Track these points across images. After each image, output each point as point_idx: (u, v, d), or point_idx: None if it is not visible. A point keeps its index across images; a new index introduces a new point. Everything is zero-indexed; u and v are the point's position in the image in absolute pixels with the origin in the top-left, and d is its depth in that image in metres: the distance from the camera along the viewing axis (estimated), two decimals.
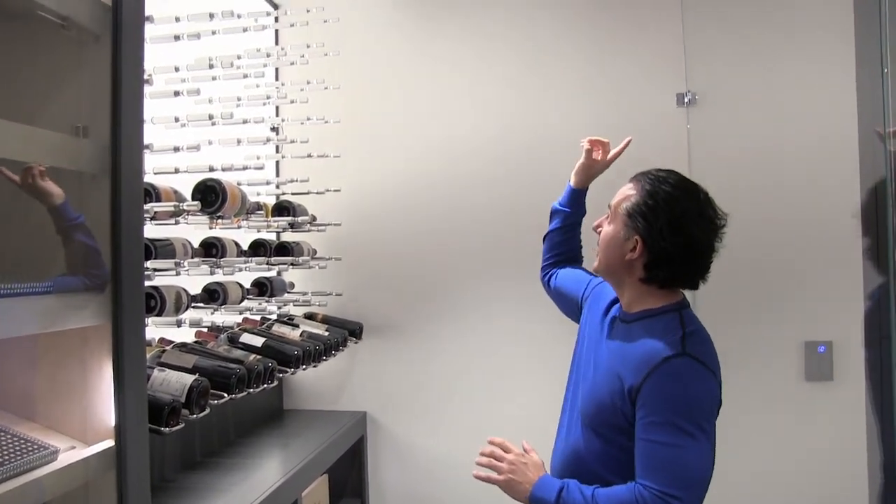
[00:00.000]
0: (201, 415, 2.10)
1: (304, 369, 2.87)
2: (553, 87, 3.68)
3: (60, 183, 1.51)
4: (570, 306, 2.35)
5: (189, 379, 2.05)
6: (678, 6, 3.58)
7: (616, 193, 2.01)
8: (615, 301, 2.06)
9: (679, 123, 3.56)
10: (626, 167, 3.39)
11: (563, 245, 2.46)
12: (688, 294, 2.19)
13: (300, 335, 3.04)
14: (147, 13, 1.70)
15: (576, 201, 2.42)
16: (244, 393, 2.34)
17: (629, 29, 3.64)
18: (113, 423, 1.56)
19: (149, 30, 1.77)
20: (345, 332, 3.41)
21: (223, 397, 2.23)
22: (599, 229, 2.03)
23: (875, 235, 3.30)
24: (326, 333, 3.22)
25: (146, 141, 1.73)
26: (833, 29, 3.48)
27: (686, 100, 3.55)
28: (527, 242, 2.84)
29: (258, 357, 2.52)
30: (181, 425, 1.99)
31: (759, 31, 3.55)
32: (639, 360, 1.82)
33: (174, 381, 2.04)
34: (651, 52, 3.60)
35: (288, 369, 2.72)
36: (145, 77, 1.78)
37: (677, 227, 1.87)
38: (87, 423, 1.58)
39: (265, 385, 2.49)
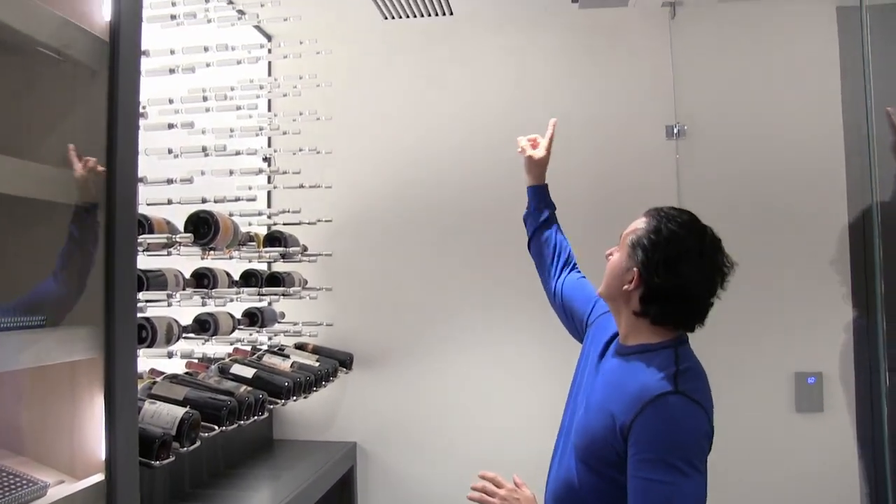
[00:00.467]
0: (192, 448, 2.09)
1: (294, 400, 2.87)
2: (544, 118, 3.70)
3: (55, 216, 1.52)
4: (573, 323, 2.34)
5: (180, 412, 2.04)
6: (667, 40, 3.62)
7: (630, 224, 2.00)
8: (616, 335, 2.04)
9: (668, 154, 3.60)
10: (618, 196, 3.46)
11: (549, 243, 2.46)
12: None
13: (291, 366, 3.04)
14: (143, 47, 1.71)
15: (540, 198, 2.48)
16: (235, 425, 2.33)
17: (619, 62, 3.68)
18: (103, 456, 1.55)
19: (144, 63, 1.78)
20: (335, 362, 3.40)
21: (214, 430, 2.22)
22: (610, 256, 2.03)
23: (863, 268, 3.33)
24: (317, 364, 3.22)
25: (140, 173, 1.74)
26: (819, 61, 3.53)
27: (675, 131, 3.58)
28: (518, 273, 2.85)
29: (249, 389, 2.51)
30: (171, 459, 1.99)
31: (747, 64, 3.60)
32: (631, 397, 1.80)
33: (165, 414, 2.03)
34: (640, 85, 3.64)
35: (279, 401, 2.72)
36: (141, 111, 1.78)
37: (673, 266, 1.86)
38: (76, 456, 1.57)
39: (256, 417, 2.49)
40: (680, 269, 1.86)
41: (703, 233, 1.95)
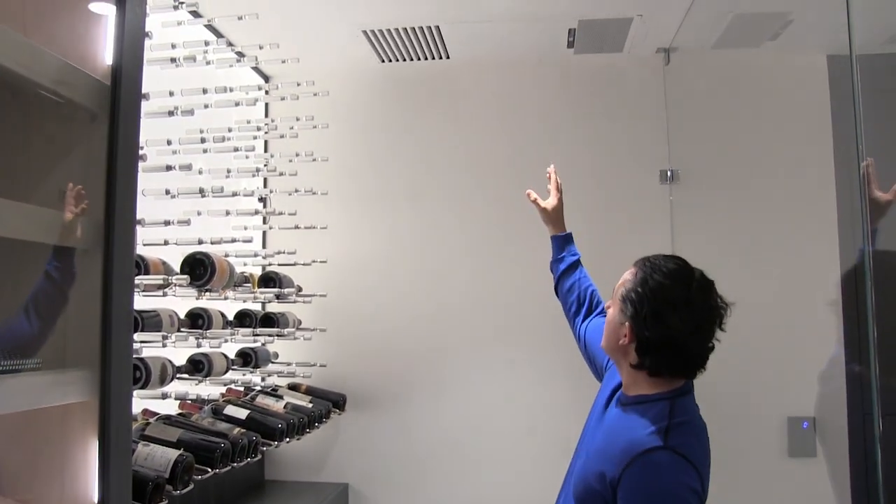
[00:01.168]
0: (185, 490, 2.07)
1: (287, 442, 2.85)
2: (540, 166, 3.72)
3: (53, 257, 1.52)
4: (595, 367, 2.32)
5: (173, 454, 2.03)
6: (661, 86, 3.66)
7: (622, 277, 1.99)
8: (621, 383, 2.02)
9: (662, 198, 3.62)
10: (613, 239, 3.48)
11: (574, 290, 2.45)
12: None
13: (284, 407, 3.03)
14: (143, 90, 1.72)
15: (561, 246, 2.52)
16: (228, 468, 2.32)
17: (614, 107, 3.73)
18: (96, 500, 1.54)
19: (143, 105, 1.79)
20: (328, 403, 3.39)
21: (207, 472, 2.21)
22: (608, 309, 2.02)
23: (855, 314, 3.34)
24: (310, 405, 3.21)
25: (137, 214, 1.74)
26: (810, 108, 3.58)
27: (669, 175, 3.62)
28: (511, 316, 2.86)
29: (242, 430, 2.50)
30: (165, 502, 1.97)
31: (740, 109, 3.65)
32: (621, 450, 1.78)
33: (158, 456, 2.02)
34: (635, 129, 3.69)
35: (272, 442, 2.71)
36: (140, 153, 1.79)
37: (661, 318, 1.83)
38: (67, 500, 1.56)
39: (249, 459, 2.47)
40: (669, 320, 1.83)
41: (691, 280, 1.92)
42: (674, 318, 1.83)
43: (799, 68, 3.65)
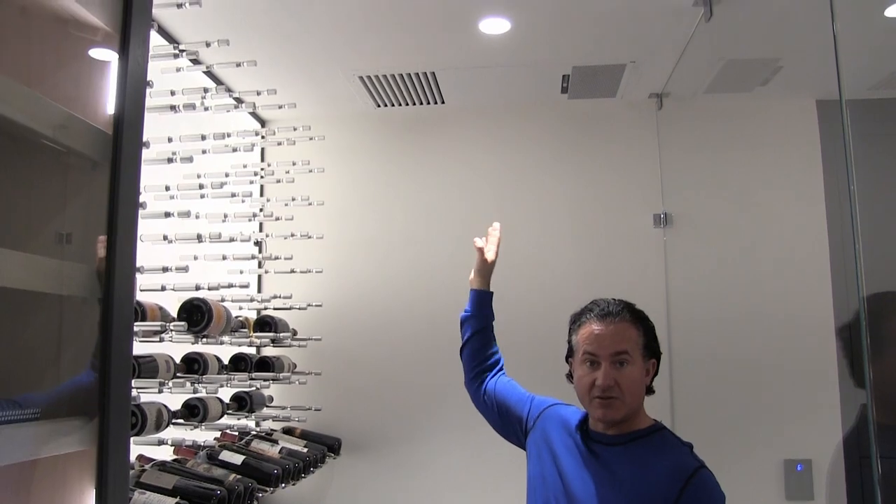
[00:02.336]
0: None
1: (283, 487, 2.83)
2: (535, 210, 3.77)
3: (48, 307, 1.52)
4: (510, 424, 2.33)
5: (170, 503, 2.01)
6: (654, 130, 3.71)
7: (602, 343, 2.01)
8: (582, 425, 2.10)
9: (656, 242, 3.65)
10: (607, 283, 3.49)
11: (484, 351, 2.46)
12: (665, 411, 2.28)
13: (279, 452, 3.01)
14: (143, 138, 1.74)
15: (484, 304, 2.48)
16: None
17: (607, 151, 3.77)
18: None
19: (143, 153, 1.80)
20: (324, 448, 3.37)
21: None
22: (612, 400, 2.01)
23: (850, 355, 3.35)
24: (305, 450, 3.19)
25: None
26: (801, 152, 3.62)
27: (662, 219, 3.64)
28: (509, 360, 2.84)
29: (238, 476, 2.49)
30: None
31: (732, 154, 3.69)
32: (670, 473, 1.90)
33: None
34: (628, 173, 3.73)
35: (267, 488, 2.69)
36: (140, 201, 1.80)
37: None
38: None
39: None
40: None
41: None
42: None
43: (789, 113, 3.71)
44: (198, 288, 2.51)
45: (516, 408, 2.30)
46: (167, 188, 2.56)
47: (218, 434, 2.99)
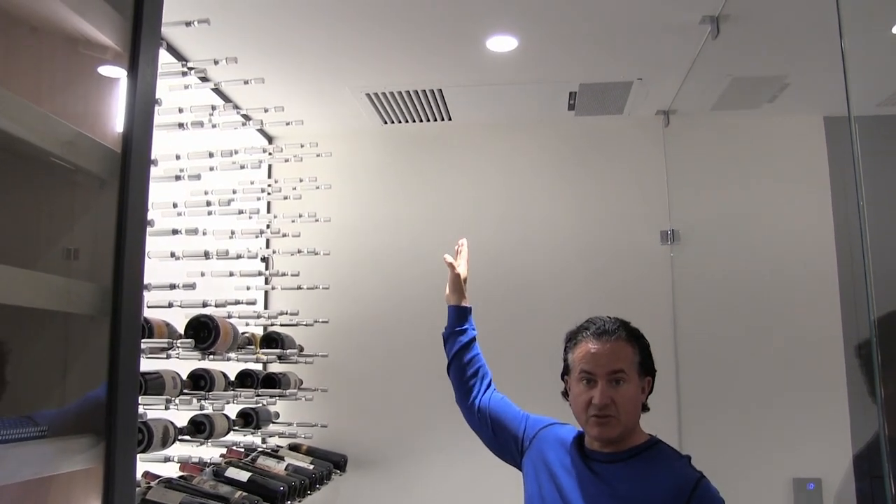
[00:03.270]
0: None
1: None
2: (542, 227, 3.77)
3: (56, 326, 1.52)
4: (505, 443, 2.33)
5: None
6: (661, 147, 3.71)
7: (598, 362, 2.02)
8: (579, 443, 2.11)
9: (663, 259, 3.64)
10: (616, 297, 3.49)
11: (472, 366, 2.46)
12: (673, 429, 2.29)
13: (285, 468, 3.00)
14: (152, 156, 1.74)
15: (465, 319, 2.49)
16: None
17: (614, 168, 3.77)
18: None
19: (151, 171, 1.81)
20: (329, 464, 3.36)
21: None
22: (601, 401, 2.01)
23: (860, 374, 3.33)
24: (311, 467, 3.18)
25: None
26: (809, 168, 3.62)
27: (669, 236, 3.64)
28: (516, 377, 2.84)
29: (244, 494, 2.48)
30: None
31: (739, 170, 3.69)
32: (672, 486, 1.92)
33: None
34: (635, 190, 3.73)
35: None
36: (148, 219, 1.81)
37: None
38: None
39: None
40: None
41: None
42: None
43: (796, 130, 3.71)
44: (205, 305, 2.51)
45: (511, 426, 2.30)
46: (174, 205, 2.56)
47: (224, 450, 2.98)
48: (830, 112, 3.67)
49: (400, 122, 3.86)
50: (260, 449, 3.20)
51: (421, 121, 3.85)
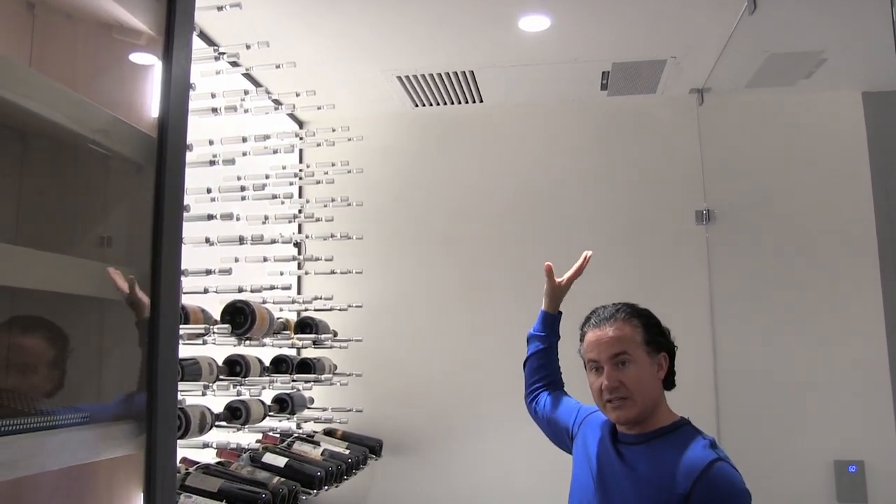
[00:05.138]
0: None
1: (326, 490, 2.82)
2: (574, 208, 3.74)
3: (94, 310, 1.52)
4: (560, 433, 2.40)
5: None
6: (695, 126, 3.65)
7: (600, 348, 2.06)
8: (613, 428, 2.13)
9: (698, 238, 3.60)
10: (651, 278, 3.46)
11: (543, 369, 2.52)
12: (711, 412, 2.41)
13: (321, 454, 3.01)
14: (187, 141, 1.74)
15: (549, 326, 2.54)
16: None
17: (648, 148, 3.72)
18: None
19: (187, 156, 1.80)
20: (365, 449, 3.36)
21: None
22: (609, 384, 2.05)
23: None
24: (347, 452, 3.18)
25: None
26: (846, 145, 3.56)
27: (704, 215, 3.59)
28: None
29: (282, 479, 2.48)
30: None
31: (774, 148, 3.64)
32: (684, 468, 1.90)
33: None
34: (669, 170, 3.68)
35: (311, 491, 2.68)
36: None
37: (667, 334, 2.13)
38: None
39: None
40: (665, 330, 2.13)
41: None
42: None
43: (834, 106, 3.63)
44: (240, 290, 2.51)
45: (564, 418, 2.37)
46: (209, 190, 2.56)
47: (260, 436, 2.98)
48: (869, 87, 3.59)
49: (431, 104, 3.83)
50: (296, 434, 3.21)
51: (452, 103, 3.82)
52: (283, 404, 3.11)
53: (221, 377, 2.50)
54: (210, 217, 2.36)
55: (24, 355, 1.52)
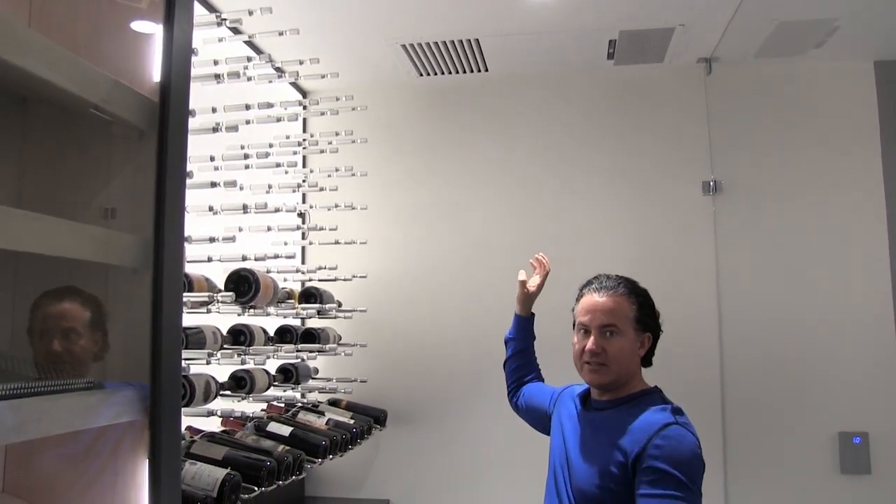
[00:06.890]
0: None
1: (330, 459, 2.83)
2: (580, 178, 3.72)
3: (100, 277, 1.51)
4: (540, 417, 2.53)
5: (221, 473, 2.01)
6: (703, 96, 3.62)
7: (594, 315, 2.16)
8: (584, 394, 2.28)
9: (705, 209, 3.57)
10: (658, 249, 3.45)
11: (521, 369, 2.71)
12: (716, 384, 2.59)
13: (326, 423, 3.01)
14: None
15: (523, 329, 2.71)
16: (274, 486, 2.30)
17: (654, 118, 3.69)
18: None
19: (189, 122, 1.78)
20: (369, 419, 3.37)
21: (253, 490, 2.19)
22: (592, 348, 2.14)
23: None
24: (352, 421, 3.19)
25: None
26: (857, 115, 3.52)
27: (711, 187, 3.57)
28: (551, 330, 2.80)
29: (287, 448, 2.48)
30: None
31: (784, 119, 3.60)
32: (638, 430, 1.98)
33: (206, 476, 2.00)
34: (676, 141, 3.64)
35: (316, 460, 2.69)
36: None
37: (656, 316, 2.24)
38: None
39: (294, 476, 2.45)
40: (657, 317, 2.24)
41: None
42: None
43: (845, 76, 3.59)
44: (244, 258, 2.50)
45: (542, 401, 2.53)
46: (212, 158, 2.54)
47: (264, 406, 2.99)
48: (882, 56, 3.55)
49: (436, 73, 3.80)
50: (300, 404, 3.21)
51: (457, 72, 3.79)
52: (288, 374, 3.11)
53: (226, 346, 2.50)
54: (213, 184, 2.34)
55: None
